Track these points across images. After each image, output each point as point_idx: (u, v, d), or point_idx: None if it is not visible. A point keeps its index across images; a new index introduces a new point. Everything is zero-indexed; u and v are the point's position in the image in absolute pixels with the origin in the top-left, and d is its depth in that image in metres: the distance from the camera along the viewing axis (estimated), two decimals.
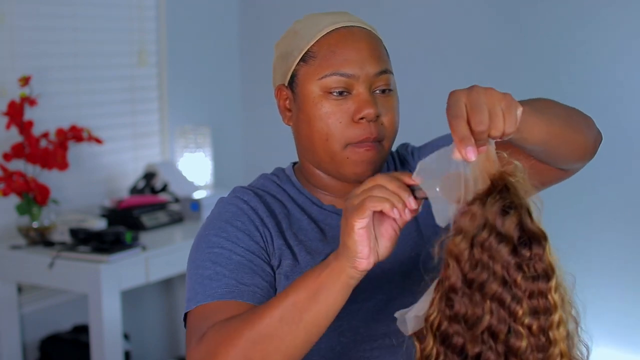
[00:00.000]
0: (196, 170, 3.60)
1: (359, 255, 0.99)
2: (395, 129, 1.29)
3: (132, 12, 3.51)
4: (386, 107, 1.27)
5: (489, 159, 0.97)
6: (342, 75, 1.24)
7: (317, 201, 1.33)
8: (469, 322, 0.94)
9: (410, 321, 0.99)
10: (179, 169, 3.56)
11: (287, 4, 3.73)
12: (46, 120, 3.06)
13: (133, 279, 2.83)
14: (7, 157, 2.86)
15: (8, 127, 2.86)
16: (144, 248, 2.85)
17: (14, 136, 2.93)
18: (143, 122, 3.59)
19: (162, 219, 3.18)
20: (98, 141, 3.08)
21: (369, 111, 1.24)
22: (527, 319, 0.93)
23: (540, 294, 0.94)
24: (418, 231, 1.31)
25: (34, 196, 2.87)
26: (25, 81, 2.86)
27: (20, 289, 3.02)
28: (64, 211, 3.14)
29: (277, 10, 3.84)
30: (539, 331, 0.94)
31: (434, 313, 0.96)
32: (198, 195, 3.34)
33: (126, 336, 3.17)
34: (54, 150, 2.92)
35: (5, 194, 2.82)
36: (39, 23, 3.13)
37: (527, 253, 0.94)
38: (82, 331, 3.10)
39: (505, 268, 0.93)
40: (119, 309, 2.76)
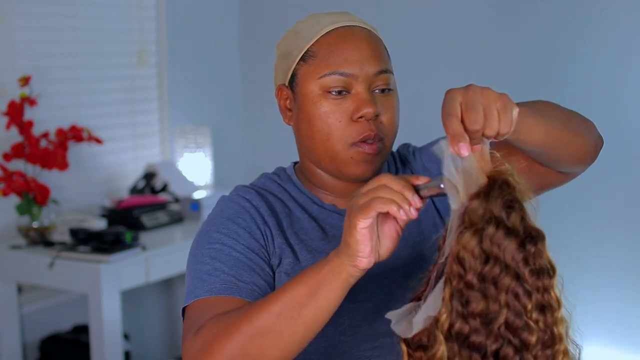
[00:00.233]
0: (196, 170, 3.60)
1: (360, 254, 0.99)
2: (395, 128, 1.29)
3: (132, 12, 3.51)
4: (385, 107, 1.27)
5: (483, 158, 0.98)
6: (341, 74, 1.25)
7: (318, 200, 1.33)
8: (487, 318, 0.93)
9: (418, 324, 0.97)
10: (179, 169, 3.56)
11: (287, 4, 3.73)
12: (46, 120, 3.06)
13: (133, 279, 2.83)
14: (7, 157, 2.86)
15: (8, 127, 2.86)
16: (144, 248, 2.85)
17: (14, 136, 2.93)
18: (143, 122, 3.59)
19: (162, 219, 3.18)
20: (98, 141, 3.08)
21: (368, 110, 1.24)
22: (535, 314, 0.94)
23: (544, 290, 0.94)
24: (419, 231, 1.31)
25: (34, 196, 2.87)
26: (25, 81, 2.86)
27: (20, 289, 3.02)
28: (64, 211, 3.14)
29: (277, 10, 3.84)
30: (545, 327, 0.94)
31: (445, 313, 0.94)
32: (198, 195, 3.35)
33: (126, 336, 3.17)
34: (54, 150, 2.92)
35: (5, 194, 2.82)
36: (39, 23, 3.13)
37: (532, 248, 0.94)
38: (82, 331, 3.10)
39: (514, 260, 0.93)
40: (119, 309, 2.76)
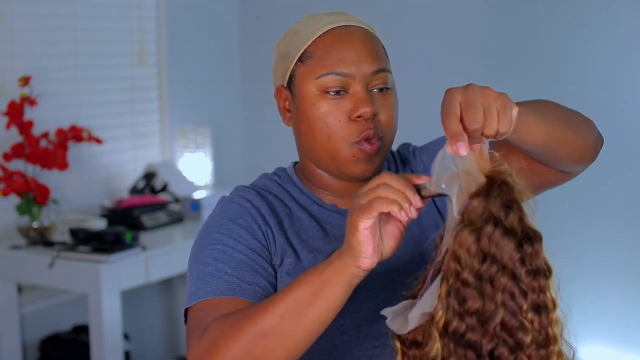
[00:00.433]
0: (196, 170, 3.60)
1: (363, 254, 0.99)
2: (393, 127, 1.29)
3: (132, 12, 3.51)
4: (383, 106, 1.27)
5: (482, 158, 0.98)
6: (338, 74, 1.25)
7: (319, 200, 1.33)
8: (483, 317, 0.93)
9: (414, 320, 0.97)
10: (179, 169, 3.56)
11: (287, 4, 3.73)
12: (46, 120, 3.06)
13: (133, 279, 2.83)
14: (7, 157, 2.86)
15: (8, 127, 2.86)
16: (144, 248, 2.85)
17: (14, 136, 2.93)
18: (143, 122, 3.59)
19: (162, 219, 3.18)
20: (98, 141, 3.08)
21: (365, 110, 1.24)
22: (530, 314, 0.94)
23: (540, 290, 0.94)
24: (420, 231, 1.31)
25: (34, 196, 2.87)
26: (25, 81, 2.86)
27: (20, 289, 3.02)
28: (64, 211, 3.14)
29: (277, 10, 3.84)
30: (540, 327, 0.94)
31: (441, 310, 0.94)
32: (198, 195, 3.35)
33: (126, 336, 3.17)
34: (54, 150, 2.92)
35: (5, 194, 2.82)
36: (39, 23, 3.13)
37: (529, 249, 0.94)
38: (82, 331, 3.10)
39: (512, 260, 0.93)
40: (119, 309, 2.76)
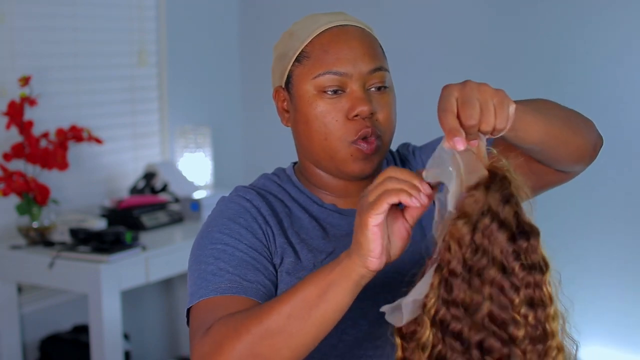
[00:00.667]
0: (196, 170, 3.61)
1: (372, 254, 0.99)
2: (392, 125, 1.30)
3: (132, 12, 3.51)
4: (381, 104, 1.27)
5: (480, 154, 0.98)
6: (335, 73, 1.25)
7: (318, 200, 1.33)
8: (469, 308, 0.94)
9: (407, 307, 0.97)
10: (179, 169, 3.56)
11: (287, 4, 3.73)
12: (46, 120, 3.06)
13: (133, 279, 2.83)
14: (7, 157, 2.86)
15: (8, 127, 2.86)
16: (144, 248, 2.85)
17: (14, 136, 2.93)
18: (143, 122, 3.59)
19: (162, 219, 3.18)
20: (98, 141, 3.08)
21: (363, 108, 1.24)
22: (524, 309, 0.94)
23: (535, 285, 0.94)
24: (422, 234, 1.31)
25: (34, 196, 2.87)
26: (25, 81, 2.86)
27: (20, 289, 3.02)
28: (64, 211, 3.14)
29: (277, 10, 3.84)
30: (536, 322, 0.94)
31: (433, 299, 0.95)
32: (198, 195, 3.35)
33: (126, 336, 3.17)
34: (54, 150, 2.92)
35: (5, 194, 2.82)
36: (39, 23, 3.13)
37: (524, 244, 0.94)
38: (82, 331, 3.10)
39: (504, 254, 0.93)
40: (119, 309, 2.76)
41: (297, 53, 1.29)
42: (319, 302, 1.02)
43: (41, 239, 2.89)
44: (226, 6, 3.97)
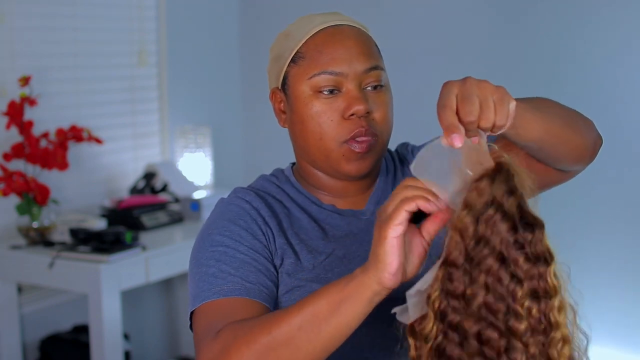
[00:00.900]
0: (196, 170, 3.60)
1: (389, 268, 0.96)
2: (388, 124, 1.29)
3: (132, 12, 3.51)
4: (377, 103, 1.27)
5: (481, 151, 0.98)
6: (331, 73, 1.25)
7: (317, 201, 1.33)
8: (466, 299, 0.93)
9: (411, 298, 0.97)
10: (179, 169, 3.56)
11: (287, 4, 3.73)
12: (46, 120, 3.06)
13: (133, 279, 2.83)
14: (7, 157, 2.86)
15: (8, 127, 2.86)
16: (144, 248, 2.85)
17: (14, 136, 2.93)
18: (143, 122, 3.59)
19: (162, 219, 3.18)
20: (98, 141, 3.08)
21: (359, 107, 1.24)
22: (527, 301, 0.93)
23: (540, 277, 0.94)
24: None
25: (34, 196, 2.87)
26: (25, 81, 2.86)
27: (20, 289, 3.02)
28: (64, 211, 3.14)
29: (277, 10, 3.84)
30: (540, 314, 0.94)
31: (437, 291, 0.95)
32: (198, 195, 3.35)
33: (126, 336, 3.17)
34: (54, 150, 2.92)
35: (5, 194, 2.82)
36: (39, 23, 3.13)
37: (529, 235, 0.93)
38: (82, 331, 3.10)
39: (504, 245, 0.93)
40: (119, 309, 2.76)
41: (293, 54, 1.29)
42: (330, 318, 1.00)
43: (41, 239, 2.89)
44: (226, 6, 3.97)
